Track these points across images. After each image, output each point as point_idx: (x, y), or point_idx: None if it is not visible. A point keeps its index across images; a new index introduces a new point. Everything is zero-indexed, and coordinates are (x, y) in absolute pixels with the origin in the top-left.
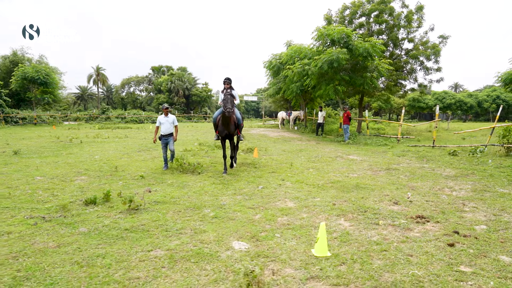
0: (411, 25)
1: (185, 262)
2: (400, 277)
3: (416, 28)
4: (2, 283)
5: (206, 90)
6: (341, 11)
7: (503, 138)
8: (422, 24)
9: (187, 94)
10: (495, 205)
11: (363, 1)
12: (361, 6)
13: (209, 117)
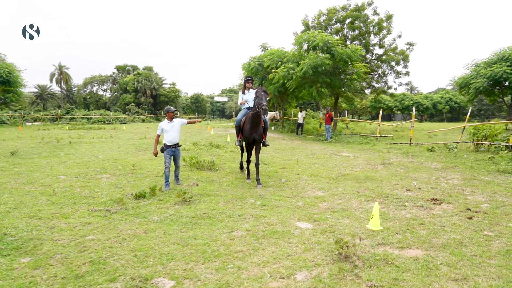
0: (381, 32)
1: (269, 239)
2: (444, 240)
3: (386, 34)
4: (127, 260)
5: (174, 90)
6: (317, 17)
7: (473, 136)
8: (391, 32)
9: (155, 94)
10: (486, 190)
11: (338, 8)
12: (336, 13)
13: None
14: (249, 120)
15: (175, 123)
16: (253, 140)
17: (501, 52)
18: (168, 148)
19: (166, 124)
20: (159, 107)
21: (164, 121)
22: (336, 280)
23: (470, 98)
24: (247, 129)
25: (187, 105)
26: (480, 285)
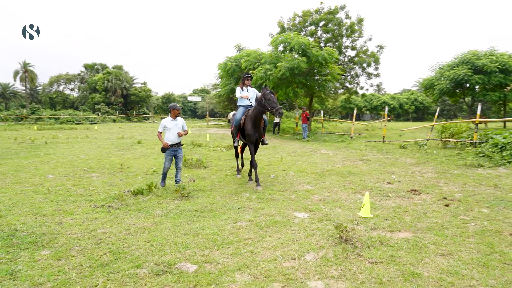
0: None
1: (272, 227)
2: (428, 224)
3: (358, 37)
4: (145, 249)
5: (145, 90)
6: (292, 19)
7: (441, 134)
8: (362, 35)
9: (125, 93)
10: (458, 181)
11: (312, 11)
12: (310, 15)
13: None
14: (251, 119)
15: (179, 122)
16: (255, 140)
17: (462, 55)
18: (169, 148)
19: (169, 122)
20: (130, 107)
21: (167, 118)
22: (341, 258)
23: (435, 99)
24: (250, 128)
25: (158, 105)
26: (463, 258)
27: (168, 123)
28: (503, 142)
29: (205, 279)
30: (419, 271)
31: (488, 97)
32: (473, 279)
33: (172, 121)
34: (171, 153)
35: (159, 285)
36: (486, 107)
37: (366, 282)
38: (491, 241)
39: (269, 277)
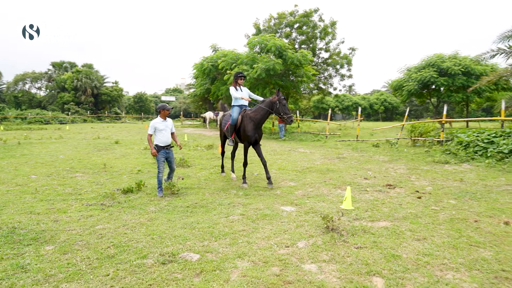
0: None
1: (263, 220)
2: (404, 214)
3: (331, 40)
4: (147, 242)
5: (117, 89)
6: (268, 20)
7: (411, 133)
8: (335, 37)
9: (96, 93)
10: (428, 176)
11: (287, 13)
12: (285, 17)
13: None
14: (254, 120)
15: (169, 123)
16: (254, 141)
17: (428, 58)
18: (161, 149)
19: (160, 123)
20: (101, 107)
21: (157, 119)
22: (330, 245)
23: (403, 100)
24: (250, 129)
25: (130, 105)
26: (436, 242)
27: (159, 124)
28: (467, 140)
29: (209, 266)
30: (398, 254)
31: (452, 98)
32: (445, 258)
33: (163, 122)
34: (164, 155)
35: (167, 272)
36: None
37: (354, 264)
38: (459, 227)
39: (267, 262)
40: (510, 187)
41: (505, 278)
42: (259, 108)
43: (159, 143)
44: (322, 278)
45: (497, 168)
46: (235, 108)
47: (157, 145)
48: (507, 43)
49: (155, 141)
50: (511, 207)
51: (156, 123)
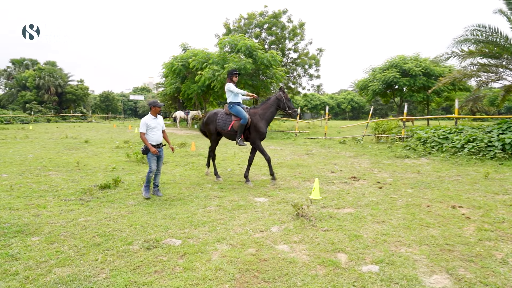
0: (295, 38)
1: (238, 210)
2: (366, 202)
3: (299, 40)
4: (130, 231)
5: (82, 88)
6: (238, 20)
7: (375, 130)
8: (304, 38)
9: (60, 91)
10: (389, 169)
11: (257, 14)
12: (255, 18)
13: (87, 117)
14: (265, 117)
15: (160, 120)
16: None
17: (392, 59)
18: (158, 153)
19: (151, 120)
20: (65, 106)
21: (148, 116)
22: (300, 229)
23: (369, 99)
24: (263, 126)
25: (96, 104)
26: (393, 224)
27: (151, 121)
28: (425, 136)
29: (192, 249)
30: (360, 234)
31: (414, 97)
32: (400, 236)
33: (154, 119)
34: (155, 154)
35: (152, 256)
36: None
37: (321, 243)
38: (413, 211)
39: (244, 245)
40: (460, 177)
41: (448, 250)
42: (267, 105)
43: (150, 142)
44: (294, 256)
45: (450, 161)
46: (238, 107)
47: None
48: (460, 47)
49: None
50: (459, 194)
51: (148, 120)
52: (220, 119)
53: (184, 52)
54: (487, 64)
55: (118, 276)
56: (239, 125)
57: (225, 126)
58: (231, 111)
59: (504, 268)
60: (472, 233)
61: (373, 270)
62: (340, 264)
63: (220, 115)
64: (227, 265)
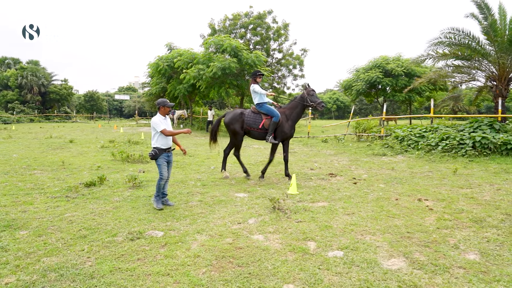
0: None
1: (219, 205)
2: (340, 196)
3: (284, 41)
4: (115, 224)
5: (66, 88)
6: (223, 21)
7: (355, 129)
8: (288, 38)
9: (43, 91)
10: (365, 166)
11: (242, 15)
12: (240, 18)
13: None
14: (288, 117)
15: (168, 121)
16: (288, 138)
17: (375, 60)
18: (162, 152)
19: (163, 121)
20: (49, 106)
21: (158, 116)
22: (275, 221)
23: (353, 99)
24: (289, 125)
25: (81, 104)
26: (362, 215)
27: (163, 122)
28: (402, 135)
29: (173, 240)
30: (330, 225)
31: (397, 97)
32: (366, 226)
33: (164, 120)
34: (166, 158)
35: (136, 246)
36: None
37: (294, 233)
38: (382, 204)
39: (222, 235)
40: (431, 173)
41: (407, 237)
42: (292, 105)
43: (160, 145)
44: (267, 244)
45: (424, 158)
46: (268, 106)
47: (157, 147)
48: (435, 49)
49: (155, 143)
50: (427, 188)
51: (160, 120)
52: (248, 117)
53: (169, 52)
54: (461, 65)
55: (103, 263)
56: (272, 122)
57: (255, 124)
58: (261, 110)
59: (454, 252)
60: (432, 222)
61: (338, 255)
62: (309, 250)
63: (247, 114)
64: (205, 253)
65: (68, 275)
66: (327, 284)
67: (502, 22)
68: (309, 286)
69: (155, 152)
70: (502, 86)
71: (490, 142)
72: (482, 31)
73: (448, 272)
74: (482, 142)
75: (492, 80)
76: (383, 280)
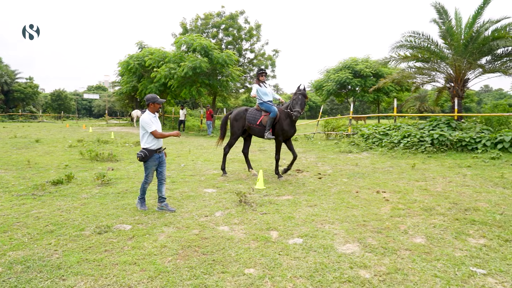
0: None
1: (187, 200)
2: (304, 190)
3: (256, 41)
4: (82, 219)
5: (32, 86)
6: (195, 20)
7: (324, 128)
8: (260, 39)
9: (6, 89)
10: (331, 163)
11: (214, 14)
12: (212, 18)
13: (38, 116)
14: (287, 115)
15: (158, 119)
16: (288, 136)
17: (344, 61)
18: (153, 154)
19: (153, 119)
20: (12, 105)
21: (148, 114)
22: (241, 213)
23: (324, 99)
24: (286, 124)
25: (48, 103)
26: (323, 207)
27: (153, 121)
28: (367, 133)
29: (141, 232)
30: (293, 216)
31: (366, 98)
32: (327, 216)
33: (154, 117)
34: (156, 160)
35: (103, 238)
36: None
37: (258, 224)
38: (343, 196)
39: (189, 227)
40: (392, 168)
41: (363, 225)
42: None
43: (150, 146)
44: (232, 234)
45: (387, 155)
46: (268, 103)
47: (146, 149)
48: (398, 51)
49: (145, 143)
50: (386, 182)
51: (150, 118)
52: (250, 114)
53: (140, 51)
54: (422, 67)
55: (70, 255)
56: (268, 118)
57: (254, 120)
58: (262, 107)
59: (403, 237)
60: (386, 211)
61: (298, 242)
62: (271, 238)
63: (250, 110)
64: (171, 243)
65: (35, 266)
66: (286, 267)
67: (458, 27)
68: (269, 270)
69: (145, 153)
70: (459, 87)
71: (447, 139)
72: (440, 35)
73: (395, 254)
74: (439, 139)
75: (450, 81)
76: (337, 262)
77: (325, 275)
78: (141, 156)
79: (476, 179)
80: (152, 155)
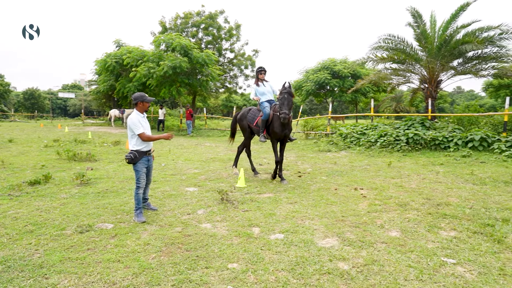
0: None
1: (169, 198)
2: (285, 188)
3: (236, 41)
4: (63, 219)
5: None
6: (174, 19)
7: (304, 127)
8: (240, 39)
9: None
10: (310, 162)
11: (193, 13)
12: (191, 17)
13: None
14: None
15: (146, 120)
16: (283, 136)
17: (323, 62)
18: (143, 156)
19: (143, 119)
20: None
21: (136, 114)
22: (223, 211)
23: (303, 99)
24: (278, 125)
25: (20, 102)
26: (303, 204)
27: (142, 123)
28: (345, 132)
29: (123, 231)
30: (274, 212)
31: (344, 98)
32: (307, 213)
33: (143, 118)
34: (146, 163)
35: (85, 237)
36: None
37: (240, 221)
38: (322, 193)
39: (171, 225)
40: (369, 166)
41: (342, 221)
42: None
43: (140, 148)
44: (215, 231)
45: (365, 154)
46: (265, 103)
47: (136, 150)
48: (375, 53)
49: (134, 145)
50: (363, 179)
51: (139, 119)
52: (251, 114)
53: (118, 49)
54: (398, 68)
55: (52, 254)
56: (261, 120)
57: (253, 120)
58: (260, 107)
59: (379, 231)
60: (364, 207)
61: (279, 238)
62: (253, 235)
63: (252, 110)
64: (155, 241)
65: (16, 266)
66: (268, 261)
67: (433, 30)
68: (252, 264)
69: (134, 155)
70: (432, 88)
71: (421, 138)
72: (415, 38)
73: (372, 246)
74: (414, 138)
75: (424, 82)
76: (317, 255)
77: (305, 268)
78: (130, 158)
79: (448, 176)
80: (142, 157)
